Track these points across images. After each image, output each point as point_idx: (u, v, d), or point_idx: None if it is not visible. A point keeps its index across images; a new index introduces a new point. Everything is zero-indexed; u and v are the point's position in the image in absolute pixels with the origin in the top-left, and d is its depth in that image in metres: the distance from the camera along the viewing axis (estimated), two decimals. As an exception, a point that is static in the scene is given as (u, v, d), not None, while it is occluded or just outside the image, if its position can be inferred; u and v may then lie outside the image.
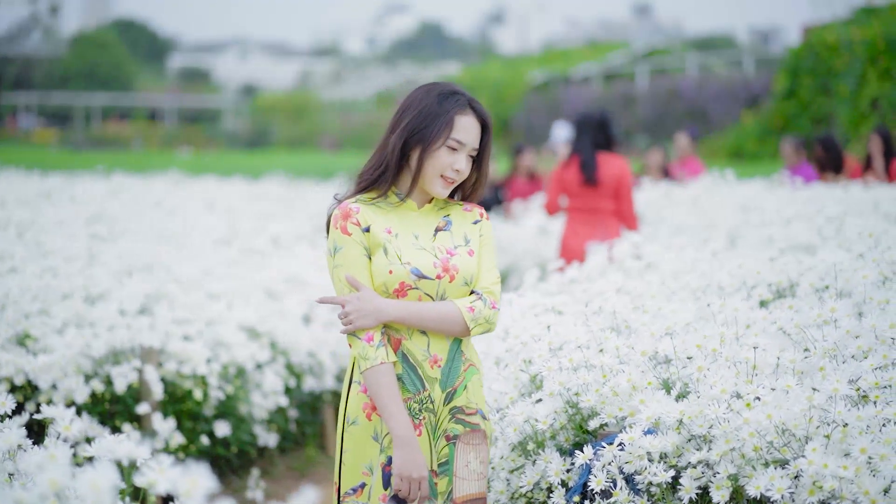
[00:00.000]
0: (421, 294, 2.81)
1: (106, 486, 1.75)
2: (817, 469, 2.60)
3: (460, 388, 2.86)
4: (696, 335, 3.15)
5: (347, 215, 2.80)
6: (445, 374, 2.84)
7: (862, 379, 2.90)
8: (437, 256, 2.83)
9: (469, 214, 2.96)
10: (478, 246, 2.91)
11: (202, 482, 1.75)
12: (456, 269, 2.83)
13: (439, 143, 2.79)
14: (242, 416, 5.20)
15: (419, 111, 2.82)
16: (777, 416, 2.72)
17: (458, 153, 2.81)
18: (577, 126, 7.34)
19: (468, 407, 2.88)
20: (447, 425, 2.85)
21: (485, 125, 2.86)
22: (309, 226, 9.07)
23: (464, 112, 2.82)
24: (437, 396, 2.83)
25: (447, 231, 2.90)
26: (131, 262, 5.88)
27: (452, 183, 2.85)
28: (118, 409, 4.76)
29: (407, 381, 2.81)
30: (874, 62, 17.86)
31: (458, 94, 2.84)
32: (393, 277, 2.78)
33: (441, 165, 2.81)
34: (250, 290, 6.04)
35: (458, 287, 2.84)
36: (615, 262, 4.96)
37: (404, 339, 2.81)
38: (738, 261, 4.30)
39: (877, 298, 3.47)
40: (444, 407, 2.84)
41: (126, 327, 4.85)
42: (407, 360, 2.81)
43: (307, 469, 5.76)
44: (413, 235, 2.85)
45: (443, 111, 2.80)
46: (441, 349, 2.84)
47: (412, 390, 2.81)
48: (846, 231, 5.34)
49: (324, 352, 5.88)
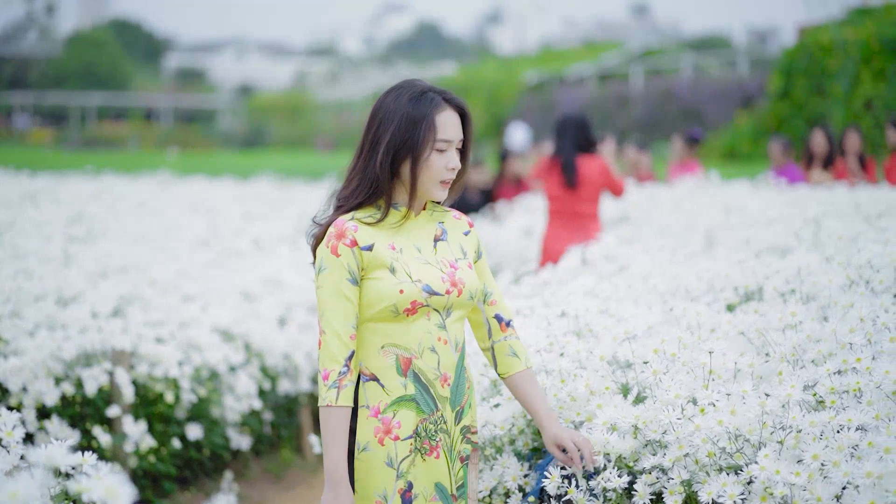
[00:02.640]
0: (430, 310, 2.71)
1: (25, 497, 1.73)
2: (769, 475, 2.58)
3: (466, 406, 2.80)
4: (655, 339, 3.13)
5: (342, 234, 2.68)
6: (454, 393, 2.76)
7: (820, 384, 2.89)
8: (443, 271, 2.75)
9: (459, 223, 2.89)
10: (476, 263, 2.86)
11: (122, 491, 1.73)
12: (462, 283, 2.75)
13: (428, 150, 2.69)
14: (215, 419, 5.18)
15: (397, 122, 2.69)
16: (730, 422, 2.70)
17: (448, 151, 2.72)
18: (557, 129, 7.35)
19: (473, 425, 2.83)
20: (460, 446, 2.79)
21: (463, 113, 2.76)
22: (291, 227, 9.04)
23: (441, 109, 2.71)
24: (449, 416, 2.75)
25: (444, 241, 2.82)
26: (107, 263, 5.86)
27: (450, 182, 2.76)
28: (89, 411, 4.74)
29: (421, 402, 2.71)
30: (868, 63, 17.85)
31: (429, 91, 2.73)
32: (404, 297, 2.66)
33: (436, 170, 2.71)
34: (227, 291, 6.02)
35: (464, 301, 2.76)
36: (588, 265, 4.94)
37: (415, 358, 2.70)
38: (707, 264, 4.29)
39: (841, 302, 3.45)
40: (456, 427, 2.77)
41: (98, 330, 4.83)
42: (419, 379, 2.71)
43: (282, 472, 5.74)
44: (415, 248, 2.76)
45: (421, 115, 2.69)
46: (450, 366, 2.75)
47: (427, 411, 2.71)
48: (823, 233, 5.33)
49: (299, 354, 5.85)
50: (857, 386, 2.83)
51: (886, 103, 17.21)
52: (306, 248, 7.98)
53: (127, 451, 4.67)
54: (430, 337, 2.72)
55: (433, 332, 2.72)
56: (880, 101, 17.29)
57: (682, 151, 11.30)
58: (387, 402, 2.69)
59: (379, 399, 2.69)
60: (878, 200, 7.12)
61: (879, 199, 7.18)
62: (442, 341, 2.73)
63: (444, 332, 2.74)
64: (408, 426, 2.69)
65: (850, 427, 2.65)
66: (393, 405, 2.69)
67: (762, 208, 7.45)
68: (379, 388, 2.69)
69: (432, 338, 2.72)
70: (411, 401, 2.70)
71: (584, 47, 41.98)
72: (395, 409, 2.69)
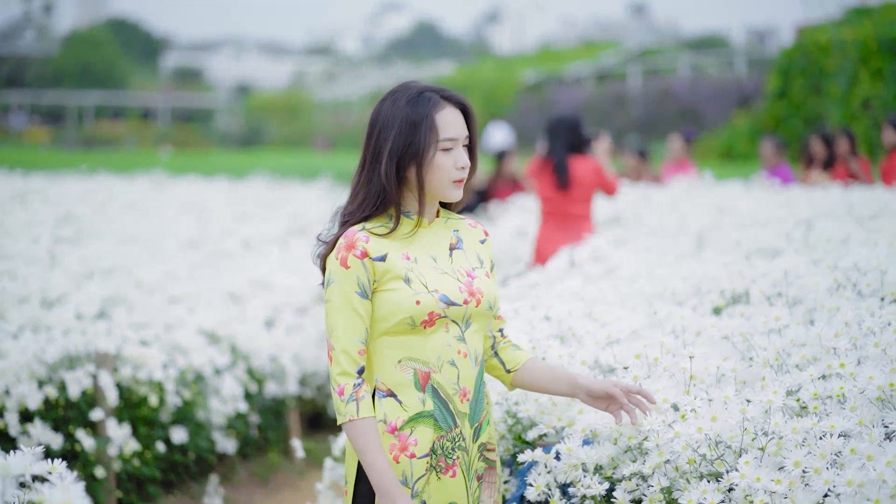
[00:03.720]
0: (448, 322, 2.61)
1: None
2: (749, 482, 2.54)
3: (485, 423, 2.70)
4: (639, 344, 3.09)
5: (352, 245, 2.58)
6: (473, 408, 2.66)
7: (803, 389, 2.85)
8: (460, 280, 2.65)
9: (475, 232, 2.79)
10: (491, 272, 2.77)
11: (77, 503, 1.69)
12: (480, 293, 2.66)
13: (432, 152, 2.59)
14: (200, 422, 5.14)
15: (398, 127, 2.59)
16: (710, 429, 2.67)
17: (454, 150, 2.62)
18: (549, 130, 7.34)
19: (490, 442, 2.73)
20: (477, 464, 2.68)
21: (465, 109, 2.67)
22: (284, 227, 9.00)
23: (441, 108, 2.62)
24: (468, 433, 2.65)
25: (460, 250, 2.72)
26: (93, 265, 5.82)
27: (463, 181, 2.65)
28: (73, 414, 4.70)
29: (440, 418, 2.60)
30: (866, 63, 17.81)
31: (426, 91, 2.64)
32: (421, 308, 2.56)
33: (446, 171, 2.61)
34: (214, 293, 5.98)
35: (483, 312, 2.66)
36: (576, 266, 4.90)
37: (433, 373, 2.60)
38: (695, 266, 4.25)
39: (827, 305, 3.41)
40: (474, 444, 2.67)
41: (81, 332, 4.79)
42: (438, 394, 2.60)
43: (269, 475, 5.70)
44: (431, 258, 2.65)
45: (420, 117, 2.59)
46: (469, 381, 2.64)
47: (445, 427, 2.60)
48: (815, 235, 5.29)
49: (286, 356, 5.81)
50: (840, 391, 2.79)
51: (884, 103, 17.17)
52: (297, 248, 7.96)
53: (111, 454, 4.63)
54: (449, 350, 2.61)
55: (452, 344, 2.62)
56: (878, 101, 17.25)
57: (681, 150, 11.27)
58: (404, 418, 2.59)
59: (396, 415, 2.59)
60: (872, 201, 7.09)
61: (873, 200, 7.15)
62: (462, 354, 2.63)
63: (464, 345, 2.64)
64: (424, 443, 2.59)
65: (832, 434, 2.61)
66: (410, 422, 2.58)
67: (755, 209, 7.41)
68: (396, 405, 2.59)
69: (452, 350, 2.62)
70: (429, 417, 2.59)
71: (582, 47, 41.92)
72: (413, 426, 2.58)
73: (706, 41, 42.95)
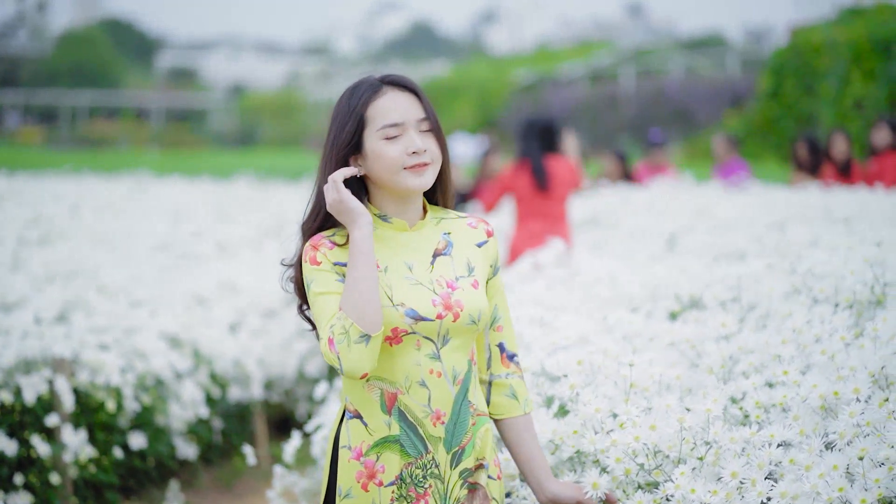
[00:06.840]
0: (419, 338, 2.39)
1: None
2: (684, 493, 2.49)
3: (468, 446, 2.46)
4: (581, 351, 3.03)
5: (317, 246, 2.41)
6: (450, 432, 2.43)
7: (748, 397, 2.79)
8: (437, 292, 2.42)
9: (474, 233, 2.54)
10: (490, 280, 2.54)
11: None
12: (460, 306, 2.42)
13: (373, 141, 2.41)
14: (161, 428, 5.07)
15: (339, 123, 2.45)
16: (648, 438, 2.61)
17: (402, 136, 2.42)
18: (524, 132, 7.31)
19: (480, 462, 2.49)
20: (458, 492, 2.44)
21: (413, 91, 2.47)
22: (262, 228, 8.93)
23: (378, 94, 2.44)
24: (443, 459, 2.42)
25: (447, 256, 2.48)
26: (56, 268, 5.75)
27: (424, 166, 2.42)
28: (29, 420, 4.63)
29: (406, 443, 2.39)
30: (858, 63, 17.77)
31: (365, 80, 2.48)
32: (383, 324, 2.35)
33: (392, 158, 2.40)
34: (179, 296, 5.91)
35: (463, 326, 2.42)
36: (540, 270, 4.85)
37: (400, 394, 2.39)
38: (656, 270, 4.19)
39: (780, 311, 3.35)
40: (453, 471, 2.43)
41: (39, 336, 4.72)
42: (405, 418, 2.40)
43: (234, 481, 5.64)
44: (406, 266, 2.44)
45: (352, 106, 2.43)
46: (444, 402, 2.41)
47: (413, 454, 2.40)
48: (786, 238, 5.24)
49: (250, 360, 5.74)
50: (783, 400, 2.73)
51: (876, 103, 17.13)
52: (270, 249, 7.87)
53: (66, 460, 4.56)
54: (418, 369, 2.40)
55: (423, 363, 2.40)
56: (870, 102, 17.21)
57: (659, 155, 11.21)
58: (369, 443, 2.41)
59: (361, 439, 2.41)
60: (849, 203, 7.05)
61: (850, 202, 7.10)
62: (435, 374, 2.41)
63: (438, 364, 2.41)
64: (392, 471, 2.40)
65: (771, 443, 2.55)
66: (376, 447, 2.40)
67: (732, 211, 7.37)
68: (362, 427, 2.41)
69: (422, 370, 2.40)
70: (395, 442, 2.39)
71: (579, 47, 41.88)
72: (379, 452, 2.40)
73: (703, 41, 42.92)
